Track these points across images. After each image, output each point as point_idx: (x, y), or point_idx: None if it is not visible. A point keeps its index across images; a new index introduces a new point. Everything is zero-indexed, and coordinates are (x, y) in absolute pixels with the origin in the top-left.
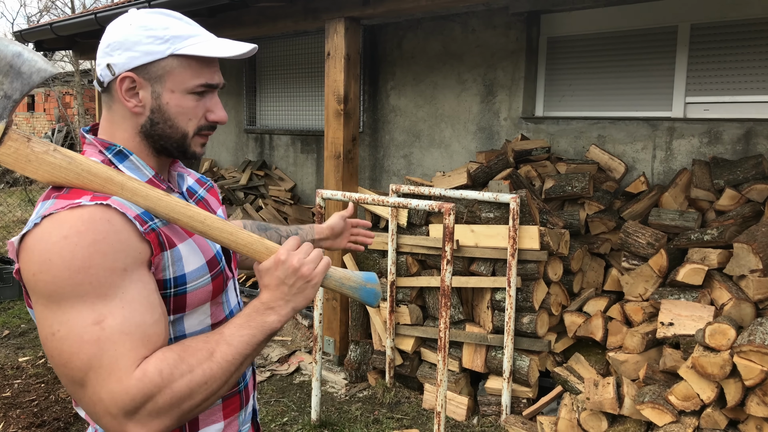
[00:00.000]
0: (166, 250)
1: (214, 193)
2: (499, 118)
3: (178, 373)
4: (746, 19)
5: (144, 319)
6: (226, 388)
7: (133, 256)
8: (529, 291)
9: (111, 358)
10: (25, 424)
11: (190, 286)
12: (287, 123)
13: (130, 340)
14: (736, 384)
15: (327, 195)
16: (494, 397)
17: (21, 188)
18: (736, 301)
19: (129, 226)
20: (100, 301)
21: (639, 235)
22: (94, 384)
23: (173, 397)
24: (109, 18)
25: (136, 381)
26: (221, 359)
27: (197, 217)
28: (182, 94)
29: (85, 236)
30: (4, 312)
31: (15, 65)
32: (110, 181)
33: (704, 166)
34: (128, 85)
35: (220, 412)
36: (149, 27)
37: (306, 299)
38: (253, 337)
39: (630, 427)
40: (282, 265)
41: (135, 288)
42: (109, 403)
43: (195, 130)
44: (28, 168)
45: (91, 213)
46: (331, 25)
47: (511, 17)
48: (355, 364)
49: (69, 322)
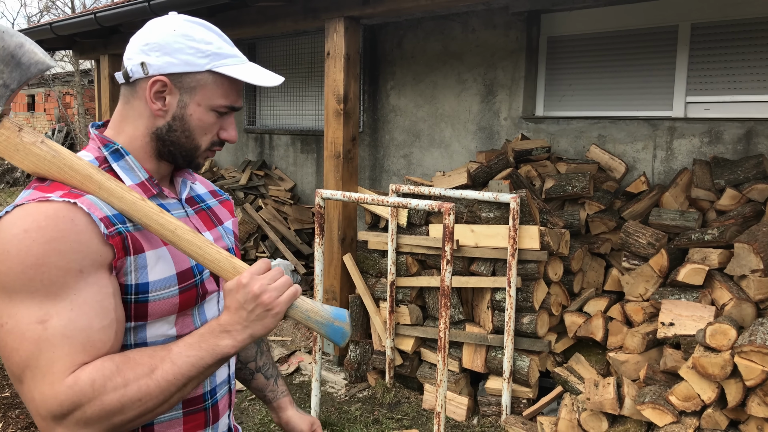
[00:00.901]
0: (129, 255)
1: (228, 206)
2: (499, 118)
3: (111, 385)
4: (747, 19)
5: (91, 323)
6: (165, 406)
7: (92, 258)
8: (529, 291)
9: (48, 360)
10: (24, 424)
11: (152, 296)
12: (287, 123)
13: (69, 344)
14: (737, 384)
15: (327, 195)
16: (494, 398)
17: (22, 187)
18: (737, 302)
19: (92, 228)
20: (49, 300)
21: (639, 235)
22: (29, 383)
23: (102, 409)
24: (108, 18)
25: (66, 388)
26: (161, 378)
27: (168, 225)
28: (206, 110)
29: (45, 232)
30: None
31: (16, 55)
32: (89, 179)
33: (705, 165)
34: (158, 89)
35: (179, 427)
36: (192, 38)
37: (265, 328)
38: (201, 359)
39: (630, 428)
40: (243, 289)
41: (89, 291)
42: (39, 404)
43: (207, 145)
44: (16, 157)
45: (56, 209)
46: (331, 24)
47: (511, 17)
48: (355, 364)
49: (16, 317)
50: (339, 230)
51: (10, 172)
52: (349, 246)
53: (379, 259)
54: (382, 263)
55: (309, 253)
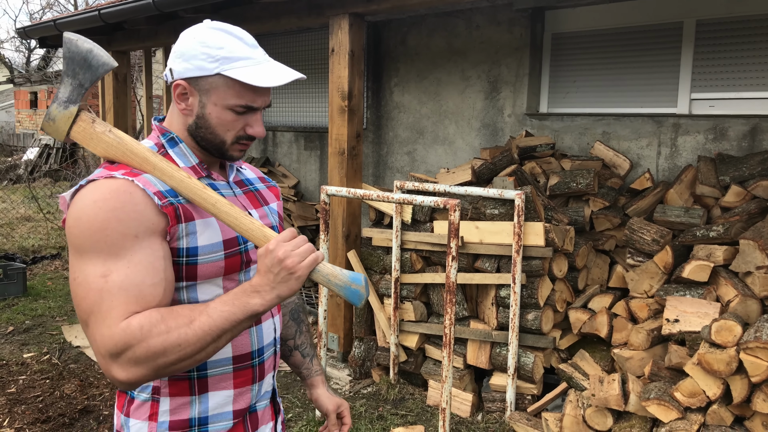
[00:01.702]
0: (181, 223)
1: (275, 191)
2: (504, 115)
3: (156, 331)
4: (752, 15)
5: (144, 280)
6: (202, 354)
7: (146, 226)
8: (533, 288)
9: (107, 306)
10: (30, 419)
11: (201, 258)
12: (291, 120)
13: (125, 295)
14: (742, 380)
15: (332, 191)
16: (499, 394)
17: (24, 185)
18: (742, 298)
19: (147, 200)
20: (111, 259)
21: (644, 232)
22: (93, 326)
23: (148, 350)
24: (112, 15)
25: (120, 330)
26: (198, 328)
27: (209, 199)
28: (223, 109)
29: (108, 203)
30: (8, 308)
31: (87, 59)
32: (146, 161)
33: (710, 162)
34: (180, 91)
35: (230, 381)
36: (206, 44)
37: (290, 289)
38: (233, 314)
39: (635, 424)
40: (270, 254)
41: (143, 253)
42: (100, 343)
43: (233, 140)
44: (90, 144)
45: (118, 185)
46: (335, 21)
47: (516, 13)
48: (359, 360)
49: (85, 272)
50: (343, 227)
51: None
52: (353, 243)
53: (383, 256)
54: (386, 260)
55: None
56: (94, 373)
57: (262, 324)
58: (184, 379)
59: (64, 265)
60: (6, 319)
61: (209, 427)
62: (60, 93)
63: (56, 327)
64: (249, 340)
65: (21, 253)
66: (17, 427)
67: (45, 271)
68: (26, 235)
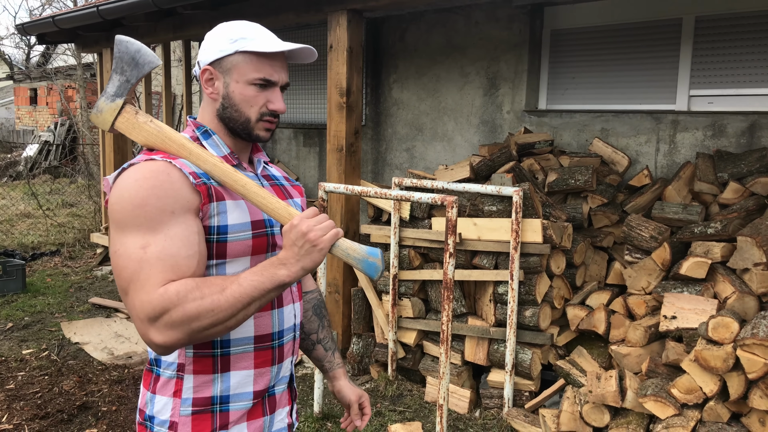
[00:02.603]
0: (213, 201)
1: (299, 189)
2: (502, 112)
3: (191, 297)
4: (751, 12)
5: (179, 252)
6: (233, 321)
7: (181, 203)
8: (531, 284)
9: (146, 275)
10: (29, 415)
11: (231, 236)
12: (289, 116)
13: (162, 264)
14: (739, 377)
15: (330, 188)
16: (496, 390)
17: (24, 182)
18: (739, 295)
19: (183, 179)
20: (150, 233)
21: (642, 229)
22: (132, 293)
23: (184, 314)
24: (110, 11)
25: (158, 296)
26: (229, 295)
27: (240, 181)
28: (245, 85)
29: (148, 181)
30: (7, 305)
31: (135, 58)
32: (183, 147)
33: (708, 159)
34: (207, 77)
35: (251, 360)
36: (227, 32)
37: (313, 261)
38: (262, 283)
39: (632, 420)
40: (294, 229)
41: (179, 227)
42: (139, 309)
43: (257, 117)
44: (133, 133)
45: (157, 165)
46: (334, 17)
47: (515, 10)
48: (358, 357)
49: (126, 244)
50: (342, 223)
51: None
52: (351, 239)
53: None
54: (384, 256)
55: None
56: (92, 369)
57: (284, 308)
58: (207, 356)
59: (64, 261)
60: (5, 316)
61: (230, 406)
62: (108, 88)
63: (55, 323)
64: (270, 321)
65: (20, 249)
66: (16, 422)
67: (44, 267)
68: (26, 232)
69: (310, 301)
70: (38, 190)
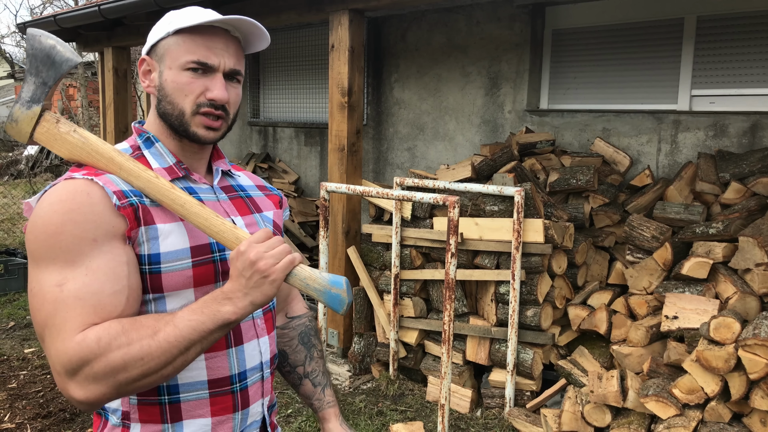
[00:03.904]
0: (141, 226)
1: (274, 199)
2: (504, 111)
3: (116, 344)
4: (753, 12)
5: (103, 288)
6: (169, 369)
7: (105, 229)
8: (533, 284)
9: (62, 319)
10: (31, 414)
11: (165, 267)
12: (291, 116)
13: (81, 305)
14: (740, 377)
15: (331, 188)
16: (498, 390)
17: (25, 180)
18: (741, 295)
19: (106, 200)
20: (67, 266)
21: (644, 229)
22: (48, 340)
23: (107, 365)
24: (112, 10)
25: (75, 344)
26: (162, 339)
27: (178, 200)
28: (178, 71)
29: (64, 205)
30: (9, 304)
31: (51, 56)
32: (111, 161)
33: (710, 159)
34: (145, 68)
35: (207, 408)
36: (167, 18)
37: (264, 295)
38: (202, 324)
39: (634, 420)
40: (241, 257)
41: (102, 258)
42: (54, 359)
43: (192, 108)
44: (55, 145)
45: (76, 185)
46: (335, 17)
47: (516, 9)
48: (359, 356)
49: (41, 281)
50: (343, 223)
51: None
52: (353, 239)
53: (383, 252)
54: (386, 256)
55: (313, 245)
56: None
57: (244, 345)
58: (154, 404)
59: None
60: (7, 315)
61: None
62: (23, 93)
63: None
64: (227, 362)
65: (22, 248)
66: (18, 422)
67: None
68: None
69: (296, 328)
70: (40, 189)
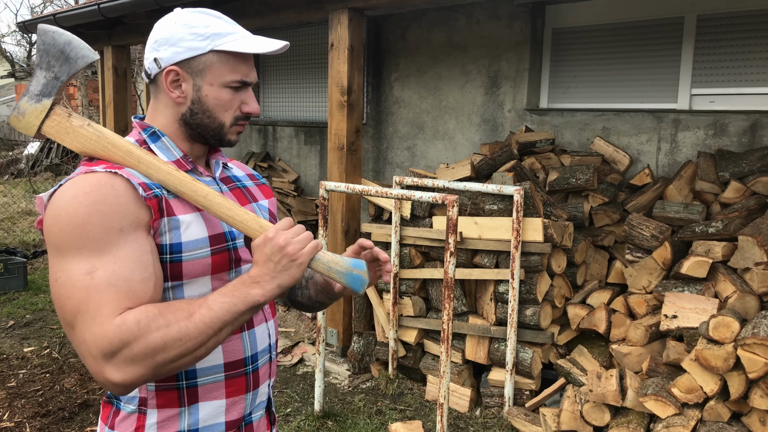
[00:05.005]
0: (164, 217)
1: (264, 189)
2: (503, 110)
3: (155, 325)
4: (753, 10)
5: (132, 275)
6: (203, 350)
7: (130, 219)
8: (532, 283)
9: (96, 304)
10: (30, 413)
11: (186, 255)
12: (291, 114)
13: (115, 291)
14: (739, 377)
15: (330, 187)
16: (497, 389)
17: (26, 179)
18: (740, 294)
19: (131, 192)
20: (95, 255)
21: (643, 228)
22: (81, 326)
23: (147, 347)
24: (112, 9)
25: (115, 327)
26: (198, 321)
27: (200, 192)
28: (220, 88)
29: (89, 197)
30: (9, 303)
31: (65, 51)
32: (129, 154)
33: (709, 158)
34: (172, 78)
35: (222, 390)
36: (192, 25)
37: (291, 277)
38: (234, 305)
39: (633, 419)
40: (269, 243)
41: (128, 247)
42: (90, 344)
43: (231, 121)
44: (66, 139)
45: (98, 178)
46: (335, 15)
47: (516, 8)
48: (358, 355)
49: (67, 271)
50: (343, 222)
51: (14, 163)
52: (352, 238)
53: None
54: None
55: None
56: None
57: (255, 328)
58: (172, 388)
59: None
60: (7, 313)
61: None
62: (31, 86)
63: (56, 321)
64: (241, 345)
65: (22, 247)
66: (17, 420)
67: (46, 265)
68: (27, 230)
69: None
70: (40, 188)
